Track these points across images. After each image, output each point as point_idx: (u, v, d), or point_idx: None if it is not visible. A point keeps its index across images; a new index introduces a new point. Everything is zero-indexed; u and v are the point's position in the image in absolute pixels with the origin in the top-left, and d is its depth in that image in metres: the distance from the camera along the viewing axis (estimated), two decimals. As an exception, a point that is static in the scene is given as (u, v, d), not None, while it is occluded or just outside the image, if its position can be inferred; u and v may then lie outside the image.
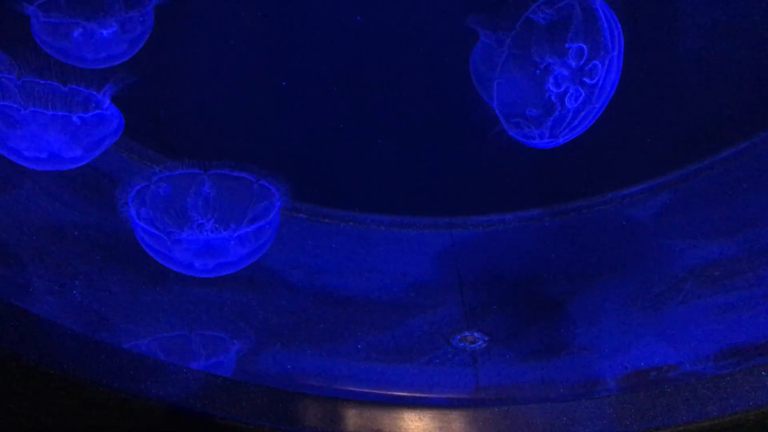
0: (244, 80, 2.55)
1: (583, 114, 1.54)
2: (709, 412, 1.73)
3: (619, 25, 1.57)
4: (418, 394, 2.28)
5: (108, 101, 1.88)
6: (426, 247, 2.75)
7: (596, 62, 1.50)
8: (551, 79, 1.54)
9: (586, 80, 1.54)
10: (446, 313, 2.53)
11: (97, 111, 1.88)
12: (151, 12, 1.89)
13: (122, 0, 1.84)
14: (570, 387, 2.19)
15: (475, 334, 2.44)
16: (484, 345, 2.40)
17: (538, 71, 1.52)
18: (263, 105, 2.60)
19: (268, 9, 2.36)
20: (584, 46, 1.52)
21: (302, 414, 1.88)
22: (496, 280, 2.59)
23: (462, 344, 2.42)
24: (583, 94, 1.53)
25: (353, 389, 2.27)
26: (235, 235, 1.90)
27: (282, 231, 2.83)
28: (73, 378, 1.72)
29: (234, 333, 2.19)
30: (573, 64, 1.54)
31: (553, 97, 1.55)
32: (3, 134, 1.79)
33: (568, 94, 1.55)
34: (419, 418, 1.91)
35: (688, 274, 2.16)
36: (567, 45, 1.53)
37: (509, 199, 2.68)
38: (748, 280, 2.02)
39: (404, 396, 2.26)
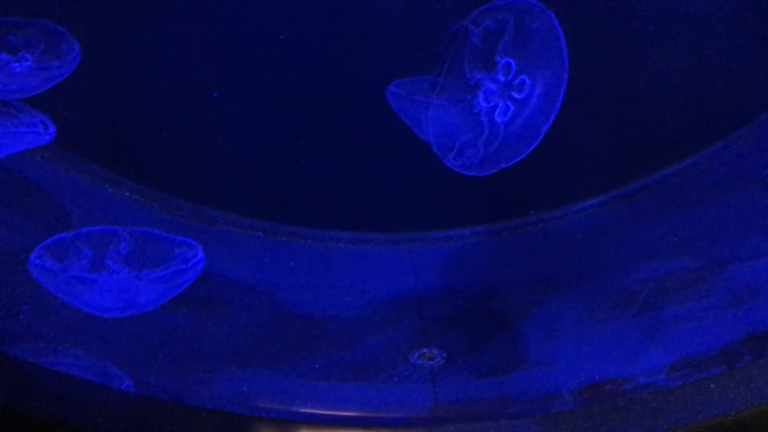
0: (201, 96, 2.53)
1: (517, 132, 1.53)
2: (659, 426, 1.71)
3: (561, 40, 1.56)
4: (375, 414, 2.25)
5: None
6: (385, 263, 2.74)
7: (524, 77, 1.50)
8: (481, 95, 1.53)
9: (515, 95, 1.53)
10: (405, 329, 2.51)
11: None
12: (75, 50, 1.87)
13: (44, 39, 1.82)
14: (527, 402, 2.17)
15: (434, 351, 2.42)
16: (442, 361, 2.38)
17: (468, 95, 1.52)
18: (219, 121, 2.59)
19: (217, 27, 2.35)
20: (512, 61, 1.51)
21: (255, 437, 1.85)
22: (454, 295, 2.58)
23: (420, 361, 2.39)
24: (512, 109, 1.52)
25: (310, 410, 2.24)
26: (145, 279, 1.88)
27: (240, 249, 2.82)
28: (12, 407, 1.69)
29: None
30: (502, 79, 1.53)
31: (482, 114, 1.53)
32: None
33: (498, 110, 1.54)
34: (376, 438, 1.89)
35: (641, 287, 2.15)
36: (497, 59, 1.53)
37: (467, 214, 2.68)
38: (699, 292, 2.02)
39: (362, 416, 2.24)
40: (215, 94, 2.29)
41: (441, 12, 2.07)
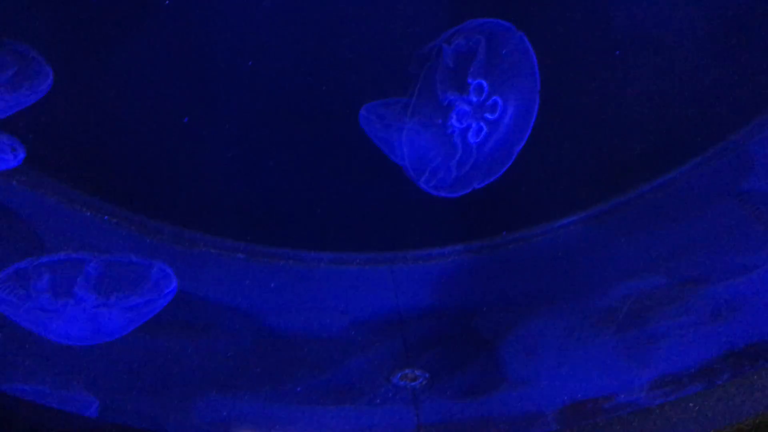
0: (179, 118, 2.53)
1: (490, 152, 1.53)
2: (640, 446, 1.70)
3: (533, 61, 1.57)
4: (357, 437, 2.23)
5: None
6: (366, 283, 2.72)
7: (497, 98, 1.50)
8: (454, 116, 1.53)
9: (488, 116, 1.53)
10: (386, 350, 2.49)
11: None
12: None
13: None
14: (510, 422, 2.16)
15: (416, 372, 2.40)
16: (425, 382, 2.36)
17: (441, 116, 1.52)
18: (198, 143, 2.58)
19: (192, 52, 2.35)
20: (484, 82, 1.51)
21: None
22: (436, 314, 2.57)
23: (403, 382, 2.38)
24: (485, 130, 1.52)
25: (291, 435, 2.22)
26: (114, 307, 1.86)
27: (220, 271, 2.80)
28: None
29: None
30: (474, 99, 1.53)
31: (456, 135, 1.54)
32: None
33: (471, 130, 1.54)
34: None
35: (621, 304, 2.15)
36: (469, 80, 1.53)
37: (448, 233, 2.67)
38: (678, 308, 2.02)
39: (344, 439, 2.21)
40: (185, 119, 2.28)
41: (413, 33, 2.08)
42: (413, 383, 2.38)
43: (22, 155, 1.85)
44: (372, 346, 2.51)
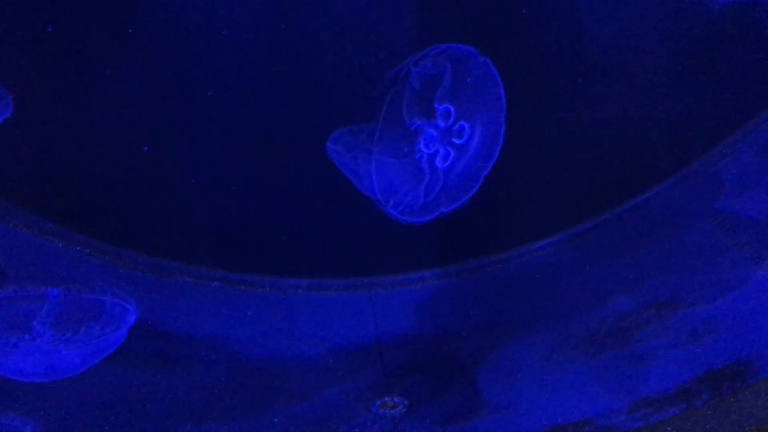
0: (150, 146, 2.50)
1: (458, 176, 1.52)
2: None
3: (499, 86, 1.57)
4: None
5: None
6: (345, 309, 2.69)
7: (463, 123, 1.49)
8: (421, 141, 1.52)
9: (455, 140, 1.52)
10: (366, 377, 2.46)
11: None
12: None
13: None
14: (491, 449, 2.12)
15: (395, 399, 2.36)
16: (405, 409, 2.32)
17: (409, 142, 1.51)
18: (171, 172, 2.55)
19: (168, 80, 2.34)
20: (451, 107, 1.51)
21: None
22: (415, 340, 2.53)
23: (382, 410, 2.34)
24: (453, 155, 1.51)
25: (268, 468, 2.17)
26: (71, 343, 1.81)
27: (196, 301, 2.76)
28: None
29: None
30: (442, 124, 1.52)
31: (423, 160, 1.52)
32: None
33: (438, 155, 1.53)
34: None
35: (599, 327, 2.13)
36: (436, 106, 1.52)
37: (426, 257, 2.65)
38: (656, 330, 2.00)
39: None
40: (145, 148, 2.25)
41: (379, 57, 2.08)
42: (393, 411, 2.34)
43: None
44: (351, 373, 2.47)
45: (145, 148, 2.24)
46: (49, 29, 2.02)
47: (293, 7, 2.06)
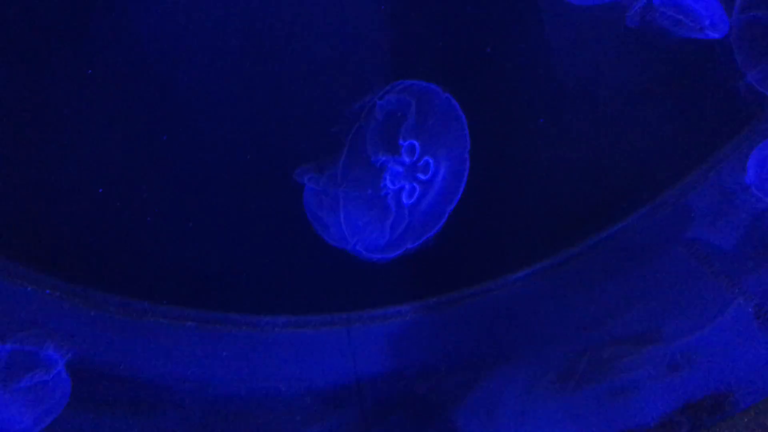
0: (118, 185, 2.47)
1: (423, 212, 1.50)
2: None
3: (462, 121, 1.56)
4: None
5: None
6: (323, 346, 2.64)
7: (428, 158, 1.48)
8: (387, 177, 1.51)
9: (421, 176, 1.51)
10: (345, 417, 2.40)
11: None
12: None
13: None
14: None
15: (375, 439, 2.31)
16: (384, 450, 2.27)
17: (371, 185, 1.49)
18: (140, 209, 2.51)
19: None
20: (416, 143, 1.49)
21: None
22: (395, 377, 2.49)
23: (361, 451, 2.28)
24: (419, 191, 1.50)
25: None
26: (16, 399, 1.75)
27: (169, 342, 2.70)
28: None
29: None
30: (407, 160, 1.51)
31: (389, 196, 1.51)
32: None
33: (404, 191, 1.51)
34: None
35: (579, 358, 2.10)
36: (400, 142, 1.51)
37: (404, 290, 2.62)
38: (636, 361, 1.98)
39: None
40: (100, 190, 2.23)
41: (343, 94, 2.08)
42: (372, 452, 2.29)
43: None
44: (329, 413, 2.42)
45: (115, 186, 2.21)
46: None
47: (257, 41, 2.06)
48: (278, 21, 2.18)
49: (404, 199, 1.55)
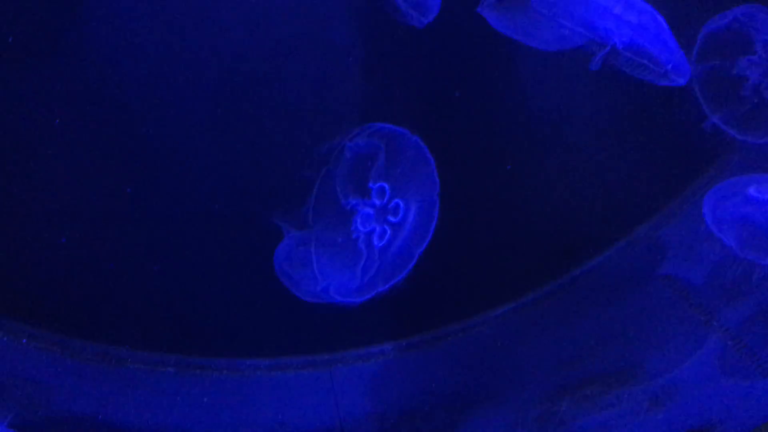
0: (92, 230, 2.45)
1: (394, 254, 1.50)
2: None
3: (430, 163, 1.57)
4: None
5: None
6: (305, 389, 2.60)
7: (398, 200, 1.48)
8: (358, 220, 1.51)
9: (391, 218, 1.51)
10: (327, 462, 2.36)
11: None
12: None
13: None
14: None
15: (358, 485, 2.26)
16: (368, 495, 2.22)
17: (342, 229, 1.49)
18: (115, 254, 2.49)
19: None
20: (386, 185, 1.50)
21: None
22: (378, 418, 2.45)
23: (344, 499, 2.23)
24: (389, 233, 1.50)
25: None
26: None
27: (149, 389, 2.65)
28: None
29: None
30: (377, 203, 1.51)
31: (360, 239, 1.50)
32: None
33: (375, 234, 1.51)
34: None
35: (560, 395, 2.08)
36: (370, 185, 1.51)
37: (385, 329, 2.60)
38: (618, 396, 1.96)
39: None
40: (63, 239, 2.21)
41: (312, 137, 2.08)
42: (355, 498, 2.24)
43: None
44: (312, 458, 2.37)
45: (91, 233, 2.20)
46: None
47: (227, 85, 2.08)
48: (247, 64, 2.20)
49: (375, 242, 1.55)
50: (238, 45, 2.23)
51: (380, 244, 1.52)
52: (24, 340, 2.47)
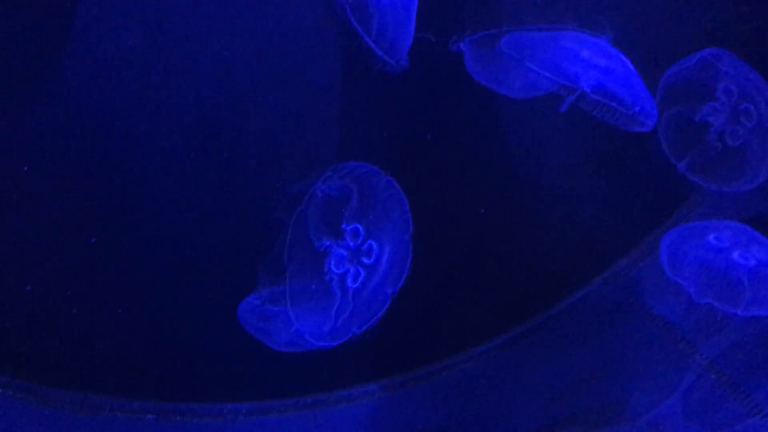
0: (68, 275, 2.41)
1: (368, 296, 1.48)
2: None
3: (404, 203, 1.56)
4: None
5: None
6: (289, 432, 2.55)
7: (372, 242, 1.47)
8: (332, 261, 1.49)
9: (365, 260, 1.49)
10: None
11: None
12: None
13: None
14: None
15: None
16: None
17: (315, 271, 1.47)
18: (91, 300, 2.45)
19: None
20: (359, 226, 1.48)
21: None
22: (363, 462, 2.40)
23: None
24: (363, 274, 1.48)
25: None
26: None
27: (126, 439, 2.59)
28: None
29: None
30: (351, 244, 1.50)
31: (334, 282, 1.49)
32: None
33: (349, 276, 1.50)
34: None
35: (553, 428, 2.04)
36: (343, 226, 1.50)
37: (370, 369, 2.56)
38: (610, 428, 1.92)
39: None
40: (27, 287, 2.17)
41: (284, 178, 2.07)
42: None
43: None
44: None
45: (66, 280, 2.16)
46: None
47: (198, 127, 2.07)
48: (221, 105, 2.20)
49: (349, 283, 1.53)
50: (212, 86, 2.23)
51: (354, 286, 1.50)
52: (0, 391, 2.41)
